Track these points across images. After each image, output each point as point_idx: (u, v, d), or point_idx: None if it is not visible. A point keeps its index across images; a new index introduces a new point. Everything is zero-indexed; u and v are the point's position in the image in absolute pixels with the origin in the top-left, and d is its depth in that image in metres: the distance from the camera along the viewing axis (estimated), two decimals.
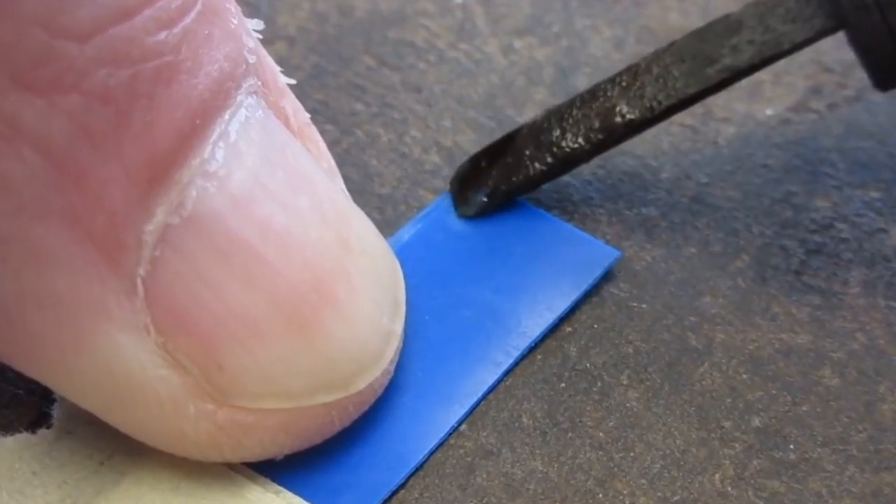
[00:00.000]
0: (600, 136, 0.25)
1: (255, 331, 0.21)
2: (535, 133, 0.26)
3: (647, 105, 0.25)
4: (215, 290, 0.20)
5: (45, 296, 0.20)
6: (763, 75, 0.29)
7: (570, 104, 0.26)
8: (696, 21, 0.30)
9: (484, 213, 0.26)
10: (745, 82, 0.29)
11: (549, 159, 0.26)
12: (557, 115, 0.26)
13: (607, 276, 0.25)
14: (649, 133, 0.28)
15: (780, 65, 0.29)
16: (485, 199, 0.26)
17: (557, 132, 0.25)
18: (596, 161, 0.27)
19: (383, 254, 0.23)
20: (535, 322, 0.24)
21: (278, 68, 0.23)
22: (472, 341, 0.24)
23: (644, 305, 0.25)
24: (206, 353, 0.21)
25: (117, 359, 0.20)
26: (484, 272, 0.25)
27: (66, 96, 0.19)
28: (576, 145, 0.25)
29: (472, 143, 0.28)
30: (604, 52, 0.30)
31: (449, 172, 0.27)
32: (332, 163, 0.24)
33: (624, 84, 0.25)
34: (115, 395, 0.21)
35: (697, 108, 0.28)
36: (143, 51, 0.19)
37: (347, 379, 0.22)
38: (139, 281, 0.20)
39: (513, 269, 0.25)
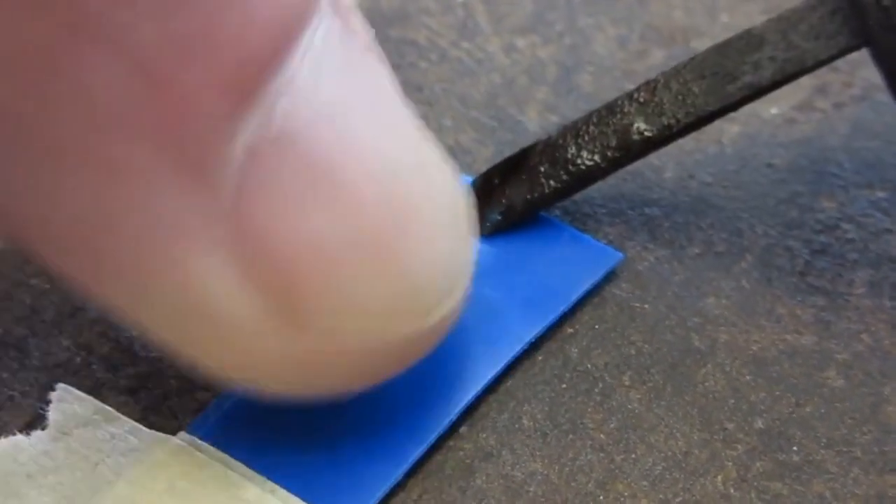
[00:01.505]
0: (617, 154, 0.25)
1: (337, 256, 0.20)
2: (549, 150, 0.25)
3: (666, 122, 0.25)
4: (300, 212, 0.19)
5: (127, 213, 0.19)
6: None
7: (587, 120, 0.25)
8: (700, 19, 0.30)
9: (498, 232, 0.25)
10: None
11: (565, 177, 0.25)
12: (573, 132, 0.25)
13: (609, 277, 0.25)
14: None
15: None
16: (499, 218, 0.25)
17: (573, 149, 0.25)
18: None
19: (455, 179, 0.22)
20: (534, 323, 0.24)
21: None
22: (470, 339, 0.24)
23: (647, 306, 0.25)
24: (288, 278, 0.20)
25: (200, 280, 0.20)
26: (483, 272, 0.25)
27: None
28: (592, 162, 0.25)
29: (473, 143, 0.28)
30: (607, 50, 0.29)
31: None
32: (397, 82, 0.22)
33: (642, 100, 0.25)
34: (192, 320, 0.20)
35: None
36: None
37: (425, 309, 0.21)
38: (224, 201, 0.19)
39: (513, 269, 0.25)
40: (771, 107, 0.28)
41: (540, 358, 0.24)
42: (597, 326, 0.25)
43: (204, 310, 0.20)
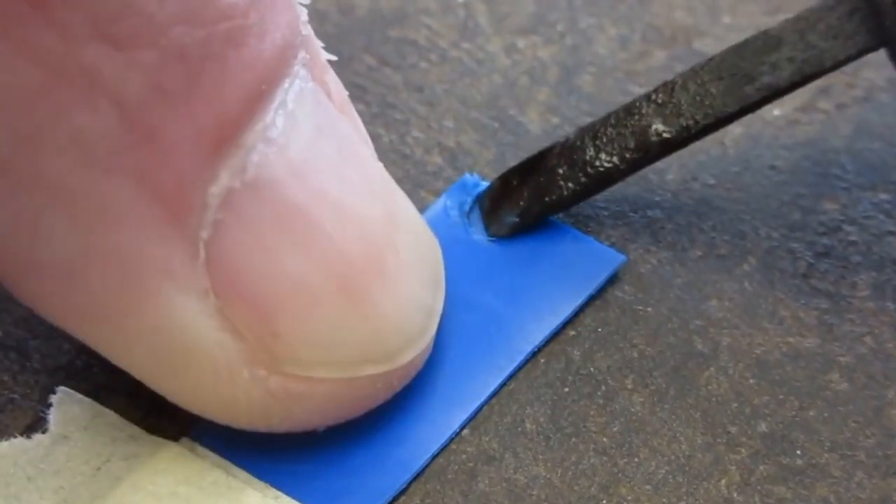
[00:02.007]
0: (635, 156, 0.25)
1: (309, 299, 0.21)
2: (568, 152, 0.25)
3: (684, 124, 0.24)
4: (273, 256, 0.21)
5: (109, 253, 0.20)
6: None
7: (605, 122, 0.25)
8: (702, 19, 0.30)
9: (515, 234, 0.25)
10: None
11: (583, 179, 0.25)
12: (591, 134, 0.25)
13: (612, 280, 0.25)
14: None
15: None
16: (516, 220, 0.25)
17: (591, 151, 0.25)
18: None
19: (424, 231, 0.23)
20: (539, 327, 0.24)
21: (320, 43, 0.23)
22: (474, 345, 0.24)
23: (649, 309, 0.25)
24: (261, 320, 0.21)
25: (176, 321, 0.21)
26: (486, 276, 0.25)
27: (144, 52, 0.19)
28: (610, 164, 0.25)
29: (474, 144, 0.27)
30: (609, 50, 0.29)
31: (451, 173, 0.27)
32: (368, 138, 0.24)
33: (660, 101, 0.25)
34: (169, 359, 0.21)
35: None
36: (217, 12, 0.19)
37: (394, 352, 0.22)
38: (201, 244, 0.20)
39: (515, 272, 0.25)
40: (773, 108, 0.28)
41: (542, 361, 0.24)
42: (599, 329, 0.25)
43: (179, 349, 0.21)
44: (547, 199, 0.25)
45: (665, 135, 0.25)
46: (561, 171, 0.25)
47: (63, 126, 0.19)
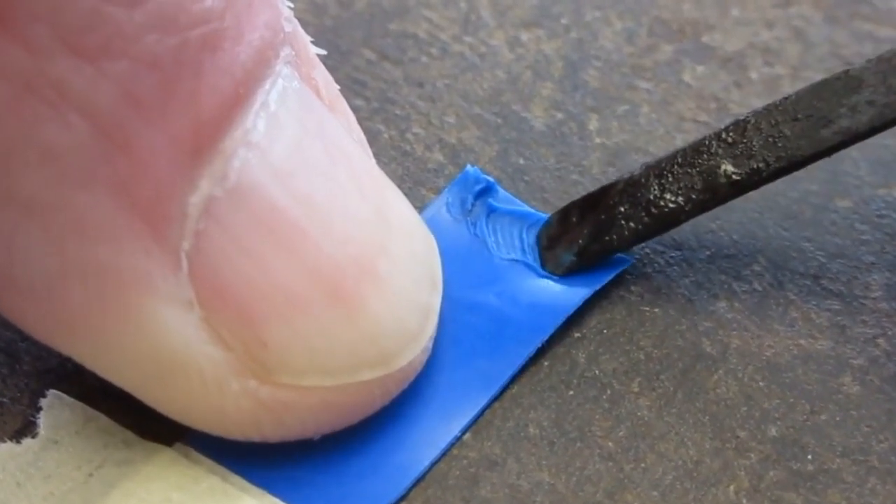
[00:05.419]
0: (702, 197, 0.24)
1: (297, 306, 0.21)
2: (630, 189, 0.24)
3: (755, 166, 0.23)
4: (258, 263, 0.20)
5: (88, 268, 0.20)
6: (781, 69, 0.28)
7: (671, 159, 0.24)
8: (710, 12, 0.29)
9: (573, 273, 0.24)
10: (761, 77, 0.28)
11: (646, 219, 0.24)
12: (657, 171, 0.24)
13: (618, 280, 0.25)
14: (662, 130, 0.27)
15: (798, 59, 0.28)
16: (574, 258, 0.24)
17: (656, 190, 0.24)
18: (607, 160, 0.26)
19: (419, 229, 0.23)
20: (542, 327, 0.24)
21: (308, 38, 0.22)
22: (475, 347, 0.23)
23: (656, 310, 0.24)
24: (249, 329, 0.20)
25: (161, 334, 0.20)
26: (487, 276, 0.24)
27: (115, 62, 0.19)
28: (675, 205, 0.24)
29: (476, 140, 0.27)
30: (615, 44, 0.29)
31: (453, 171, 0.26)
32: (363, 135, 0.23)
33: (730, 141, 0.24)
34: (155, 372, 0.21)
35: (711, 104, 0.27)
36: (190, 17, 0.19)
37: (389, 355, 0.21)
38: (183, 254, 0.20)
39: (517, 272, 0.24)
40: None
41: (546, 363, 0.24)
42: (605, 331, 0.24)
43: (165, 362, 0.20)
44: (607, 238, 0.24)
45: (735, 177, 0.24)
46: (623, 209, 0.24)
47: (33, 141, 0.19)
